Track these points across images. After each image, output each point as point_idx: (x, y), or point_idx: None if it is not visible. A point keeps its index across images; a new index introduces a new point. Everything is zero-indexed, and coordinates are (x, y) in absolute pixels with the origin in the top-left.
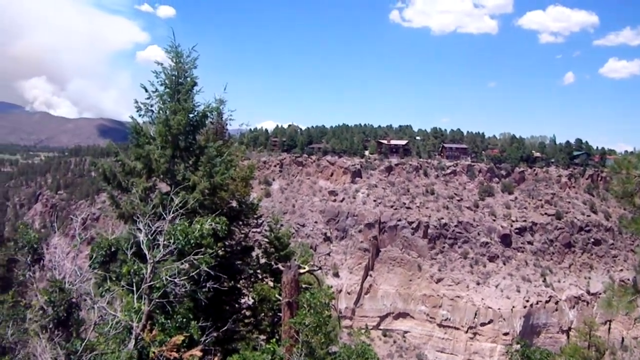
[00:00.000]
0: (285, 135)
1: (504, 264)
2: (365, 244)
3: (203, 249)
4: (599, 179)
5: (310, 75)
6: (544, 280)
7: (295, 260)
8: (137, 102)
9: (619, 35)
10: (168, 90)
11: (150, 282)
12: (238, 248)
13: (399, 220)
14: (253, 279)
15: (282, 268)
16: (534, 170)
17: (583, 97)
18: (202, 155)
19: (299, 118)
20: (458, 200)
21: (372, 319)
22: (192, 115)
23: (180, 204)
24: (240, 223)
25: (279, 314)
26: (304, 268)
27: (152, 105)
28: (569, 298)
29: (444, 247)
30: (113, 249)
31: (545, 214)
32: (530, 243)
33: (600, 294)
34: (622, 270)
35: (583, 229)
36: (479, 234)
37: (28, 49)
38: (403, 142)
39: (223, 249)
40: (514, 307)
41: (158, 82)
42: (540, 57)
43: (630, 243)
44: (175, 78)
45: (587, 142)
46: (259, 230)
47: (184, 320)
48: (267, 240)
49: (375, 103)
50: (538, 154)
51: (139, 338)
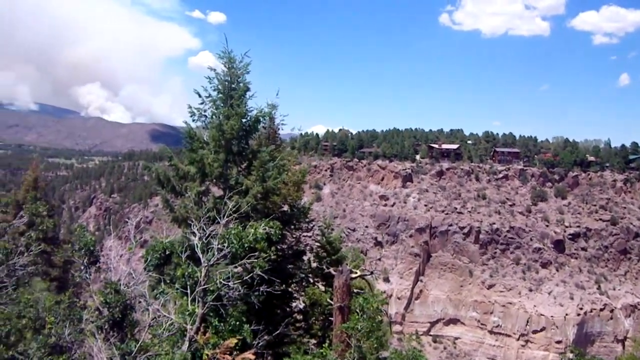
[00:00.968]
0: (336, 140)
1: (557, 271)
2: (416, 249)
3: (257, 253)
4: None
5: (361, 80)
6: (599, 288)
7: (347, 265)
8: (190, 107)
9: None
10: (221, 96)
11: (205, 285)
12: (290, 252)
13: (450, 225)
14: (304, 283)
15: (333, 272)
16: (588, 175)
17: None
18: (254, 160)
19: (350, 122)
20: (510, 205)
21: (422, 325)
22: (244, 120)
23: (234, 208)
24: (292, 227)
25: (330, 319)
26: (356, 273)
27: (205, 111)
28: (625, 306)
29: (496, 252)
30: (167, 252)
31: (600, 220)
32: (584, 249)
33: None
34: None
35: (639, 235)
36: (532, 240)
37: (83, 56)
38: (454, 146)
39: (275, 253)
40: (567, 314)
41: (211, 87)
42: (594, 58)
43: None
44: (228, 83)
45: None
46: (310, 235)
47: (237, 324)
48: (318, 245)
49: (426, 107)
50: (592, 158)
51: (193, 340)
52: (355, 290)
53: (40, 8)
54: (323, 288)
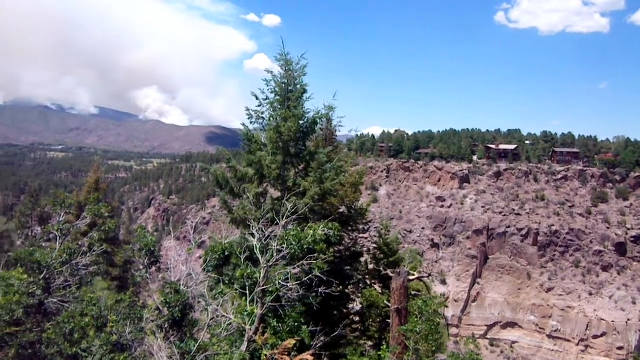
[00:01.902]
0: (392, 141)
1: (619, 274)
2: (473, 251)
3: (315, 255)
4: None
5: (417, 80)
6: None
7: (405, 267)
8: (248, 109)
9: None
10: (278, 98)
11: (264, 286)
12: (347, 254)
13: (508, 227)
14: (361, 285)
15: (391, 274)
16: None
17: None
18: (312, 162)
19: (406, 123)
20: (570, 207)
21: (479, 328)
22: (302, 122)
23: (292, 210)
24: (350, 229)
25: (387, 321)
26: (413, 275)
27: (263, 113)
28: None
29: (555, 255)
30: (226, 253)
31: None
32: None
33: None
34: None
35: None
36: (592, 242)
37: (141, 61)
38: (512, 146)
39: (333, 255)
40: (629, 320)
41: (268, 90)
42: None
43: None
44: (285, 85)
45: None
46: (367, 236)
47: (296, 325)
48: (376, 246)
49: (483, 107)
50: None
51: (251, 340)
52: (413, 293)
53: (100, 15)
54: (380, 290)
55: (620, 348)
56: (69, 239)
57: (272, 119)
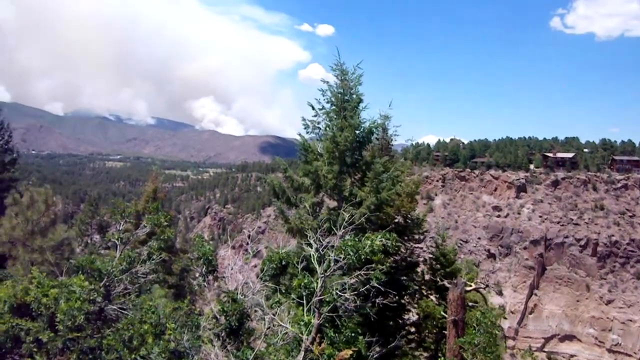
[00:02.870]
0: (448, 150)
1: None
2: (531, 262)
3: (373, 265)
4: None
5: (472, 88)
6: None
7: (461, 277)
8: (304, 119)
9: None
10: (334, 108)
11: (321, 296)
12: (403, 264)
13: (566, 237)
14: (418, 295)
15: (448, 285)
16: None
17: None
18: (368, 171)
19: (462, 131)
20: (630, 217)
21: (536, 341)
22: (358, 132)
23: (349, 220)
24: (406, 238)
25: (444, 332)
26: (470, 286)
27: (319, 123)
28: None
29: (615, 266)
30: (283, 263)
31: None
32: None
33: None
34: None
35: None
36: None
37: (197, 72)
38: (570, 154)
39: (389, 265)
40: None
41: (324, 99)
42: None
43: None
44: (341, 95)
45: None
46: (422, 246)
47: (352, 335)
48: (432, 257)
49: (540, 115)
50: None
51: (308, 350)
52: (470, 304)
53: (157, 27)
54: (436, 301)
55: None
56: (129, 248)
57: (328, 129)
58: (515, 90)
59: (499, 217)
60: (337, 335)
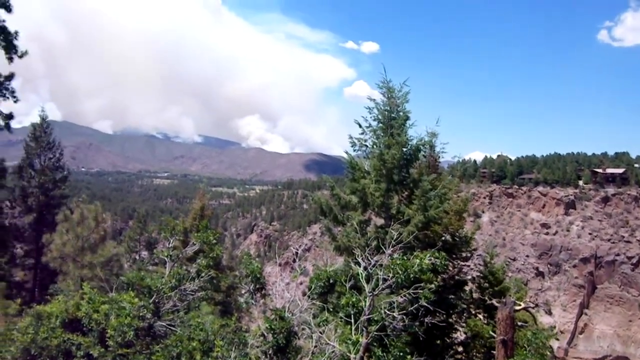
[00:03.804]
0: (495, 166)
1: None
2: (580, 280)
3: (422, 284)
4: None
5: (518, 103)
6: None
7: (510, 296)
8: (351, 137)
9: None
10: (381, 125)
11: (369, 314)
12: (451, 282)
13: (617, 255)
14: (465, 314)
15: (496, 304)
16: None
17: None
18: (416, 189)
19: (508, 148)
20: None
21: None
22: (405, 149)
23: (397, 238)
24: (454, 256)
25: (492, 352)
26: (520, 305)
27: (366, 140)
28: None
29: None
30: (331, 281)
31: None
32: None
33: None
34: None
35: None
36: None
37: (243, 90)
38: (620, 170)
39: (438, 283)
40: None
41: (371, 117)
42: None
43: None
44: (388, 113)
45: None
46: (469, 264)
47: (401, 354)
48: (480, 275)
49: (588, 130)
50: None
51: None
52: (519, 324)
53: (204, 46)
54: (485, 320)
55: None
56: (177, 265)
57: (375, 147)
58: (563, 106)
59: (548, 234)
60: (385, 355)
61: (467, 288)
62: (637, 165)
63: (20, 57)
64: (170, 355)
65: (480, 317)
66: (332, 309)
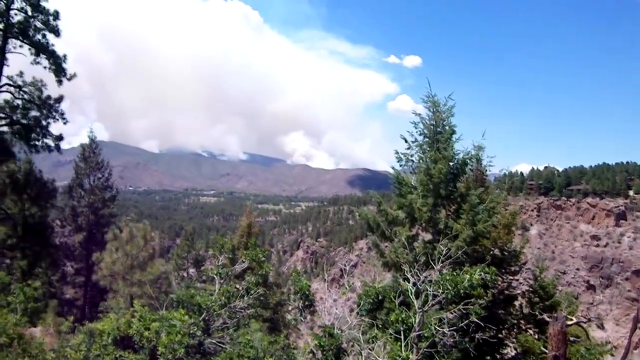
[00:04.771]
0: (542, 178)
1: None
2: (633, 293)
3: (472, 299)
4: None
5: (565, 114)
6: None
7: (562, 311)
8: (397, 152)
9: None
10: (427, 140)
11: (419, 331)
12: (501, 297)
13: None
14: (516, 330)
15: (547, 319)
16: None
17: None
18: (463, 203)
19: (556, 159)
20: None
21: None
22: (452, 164)
23: (446, 253)
24: (503, 271)
25: None
26: (572, 319)
27: (412, 155)
28: None
29: None
30: (380, 297)
31: None
32: None
33: None
34: None
35: None
36: None
37: (286, 107)
38: None
39: (487, 298)
40: None
41: (417, 132)
42: None
43: None
44: (434, 127)
45: None
46: (518, 278)
47: None
48: (530, 289)
49: (638, 138)
50: None
51: None
52: (571, 339)
53: (247, 64)
54: (535, 335)
55: None
56: (226, 282)
57: (421, 161)
58: (611, 115)
59: (598, 246)
60: None
61: (517, 303)
62: None
63: (69, 79)
64: None
65: (531, 332)
66: (381, 326)
